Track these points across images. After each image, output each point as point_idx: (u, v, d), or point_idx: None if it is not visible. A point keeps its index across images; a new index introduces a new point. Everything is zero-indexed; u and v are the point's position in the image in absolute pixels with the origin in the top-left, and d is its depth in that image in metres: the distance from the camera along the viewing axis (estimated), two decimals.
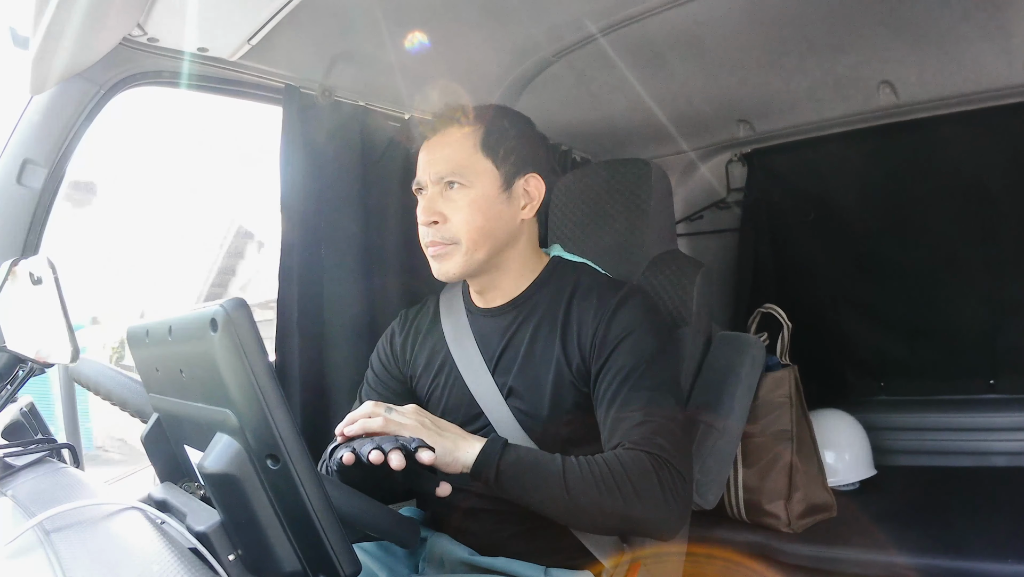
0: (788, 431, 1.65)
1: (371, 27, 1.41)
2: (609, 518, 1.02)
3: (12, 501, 0.83)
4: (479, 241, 1.14)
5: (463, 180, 1.14)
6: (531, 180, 1.18)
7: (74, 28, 0.99)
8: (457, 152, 1.16)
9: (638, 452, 1.01)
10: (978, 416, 2.06)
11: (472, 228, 1.14)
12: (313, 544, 0.66)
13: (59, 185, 1.25)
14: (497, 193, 1.16)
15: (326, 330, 1.52)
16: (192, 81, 1.35)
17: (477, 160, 1.15)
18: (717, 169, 2.36)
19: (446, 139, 1.18)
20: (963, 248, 2.13)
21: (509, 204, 1.17)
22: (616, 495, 0.99)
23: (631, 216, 1.54)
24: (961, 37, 1.56)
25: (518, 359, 1.17)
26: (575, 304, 1.15)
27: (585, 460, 1.02)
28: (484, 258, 1.16)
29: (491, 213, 1.15)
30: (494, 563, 1.17)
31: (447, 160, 1.16)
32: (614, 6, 1.49)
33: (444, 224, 1.15)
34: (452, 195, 1.15)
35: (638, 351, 1.08)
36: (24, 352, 1.01)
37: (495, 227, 1.16)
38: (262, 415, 0.63)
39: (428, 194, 1.18)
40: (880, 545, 1.50)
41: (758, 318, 1.90)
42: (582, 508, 1.01)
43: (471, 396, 1.19)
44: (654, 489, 0.99)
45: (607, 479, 0.99)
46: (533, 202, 1.19)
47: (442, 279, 1.19)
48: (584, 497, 0.99)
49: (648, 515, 1.00)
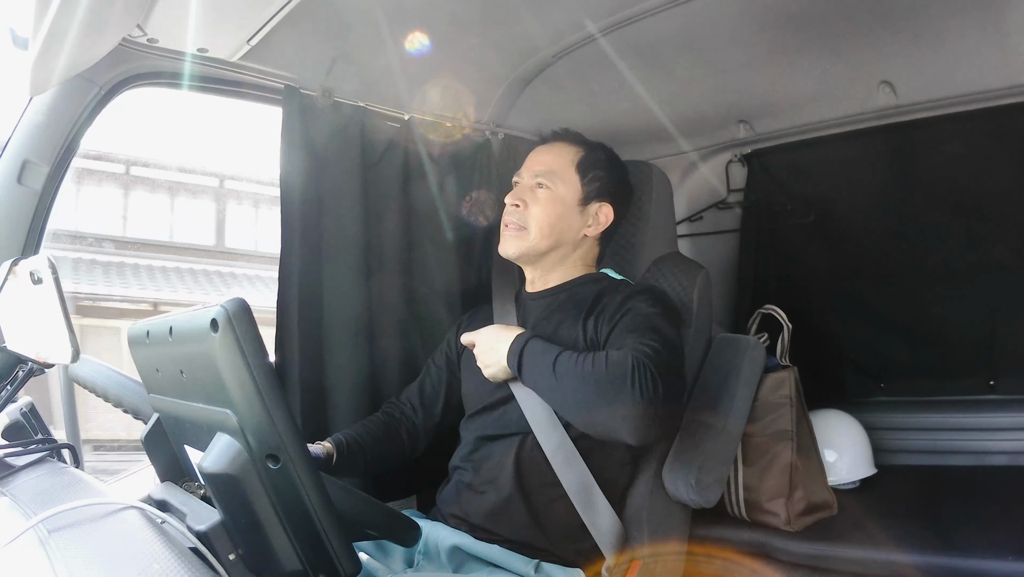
0: (788, 431, 1.65)
1: (371, 28, 1.41)
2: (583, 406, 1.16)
3: (12, 501, 0.83)
4: (544, 233, 1.35)
5: (551, 183, 1.37)
6: (604, 207, 1.40)
7: (74, 29, 0.99)
8: (555, 161, 1.39)
9: (624, 352, 1.14)
10: (978, 416, 2.06)
11: (543, 221, 1.35)
12: (313, 544, 0.67)
13: (59, 185, 1.25)
14: (574, 204, 1.38)
15: (326, 331, 1.52)
16: (192, 82, 1.35)
17: (568, 173, 1.38)
18: (717, 170, 2.35)
19: (552, 149, 1.42)
20: (963, 248, 2.13)
21: (580, 218, 1.39)
22: (590, 382, 1.13)
23: (632, 218, 1.54)
24: (961, 37, 1.55)
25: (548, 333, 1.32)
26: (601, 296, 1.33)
27: (580, 353, 1.18)
28: (543, 251, 1.37)
29: (562, 217, 1.36)
30: (489, 551, 1.19)
31: (546, 164, 1.39)
32: (614, 6, 1.49)
33: (524, 209, 1.37)
34: (538, 192, 1.37)
35: (642, 313, 1.24)
36: (24, 352, 1.01)
37: (561, 229, 1.37)
38: (262, 415, 0.63)
39: (521, 185, 1.40)
40: (880, 543, 1.50)
41: (758, 319, 1.90)
42: (565, 392, 1.17)
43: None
44: (624, 383, 1.09)
45: (586, 367, 1.14)
46: (600, 225, 1.40)
47: (502, 254, 1.40)
48: (566, 380, 1.16)
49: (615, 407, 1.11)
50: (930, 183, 2.13)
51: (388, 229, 1.63)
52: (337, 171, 1.53)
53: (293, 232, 1.46)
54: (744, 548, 1.62)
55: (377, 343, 1.59)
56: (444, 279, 1.72)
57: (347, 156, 1.54)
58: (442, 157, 1.73)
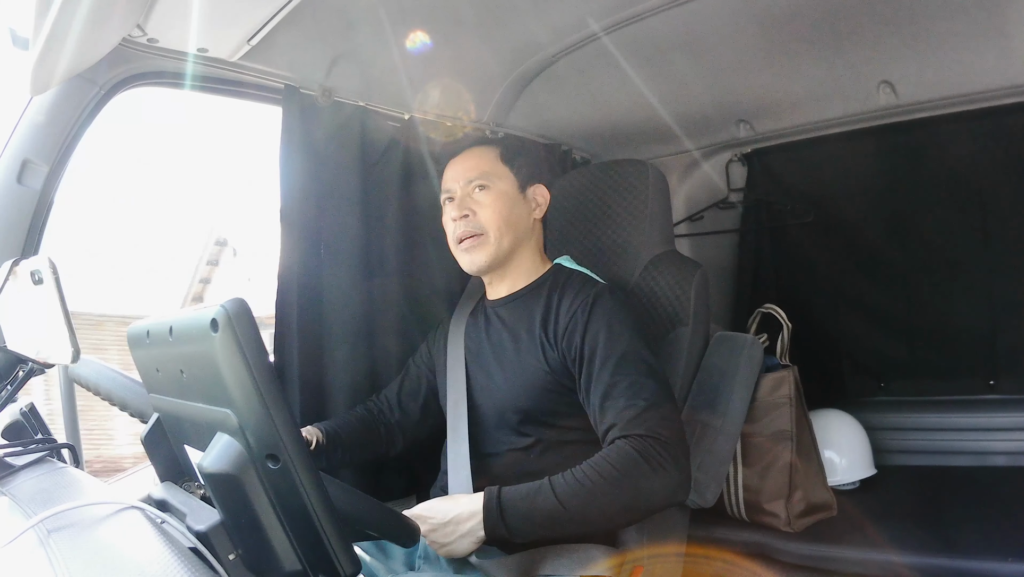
0: (788, 431, 1.65)
1: (371, 27, 1.41)
2: (617, 515, 1.12)
3: (12, 501, 0.83)
4: (504, 230, 1.34)
5: (488, 182, 1.36)
6: (539, 188, 1.41)
7: (74, 29, 0.99)
8: (483, 162, 1.38)
9: (619, 443, 1.10)
10: (978, 416, 2.06)
11: (498, 219, 1.33)
12: (313, 544, 0.67)
13: (59, 185, 1.25)
14: (516, 194, 1.38)
15: (325, 330, 1.52)
16: (192, 81, 1.35)
17: (499, 168, 1.38)
18: (718, 169, 2.35)
19: (471, 155, 1.41)
20: (963, 248, 2.13)
21: (524, 205, 1.38)
22: (611, 492, 1.07)
23: (629, 217, 1.54)
24: (961, 37, 1.55)
25: (507, 346, 1.32)
26: (556, 298, 1.30)
27: (571, 473, 1.09)
28: (508, 248, 1.35)
29: (512, 209, 1.36)
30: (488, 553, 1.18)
31: (476, 168, 1.37)
32: (615, 5, 1.49)
33: (473, 217, 1.34)
34: (479, 195, 1.35)
35: (615, 342, 1.20)
36: (24, 352, 1.01)
37: (516, 221, 1.36)
38: (262, 415, 0.63)
39: (458, 195, 1.37)
40: (879, 544, 1.50)
41: (758, 318, 1.90)
42: (586, 518, 1.10)
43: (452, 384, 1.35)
44: (644, 470, 1.07)
45: (597, 482, 1.08)
46: (541, 206, 1.41)
47: (472, 271, 1.37)
48: (584, 508, 1.08)
49: (651, 494, 1.09)
50: (930, 183, 2.13)
51: (388, 228, 1.63)
52: (337, 170, 1.53)
53: (293, 231, 1.46)
54: (743, 549, 1.62)
55: (376, 342, 1.59)
56: (444, 279, 1.72)
57: (347, 155, 1.54)
58: (442, 156, 1.73)
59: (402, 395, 1.49)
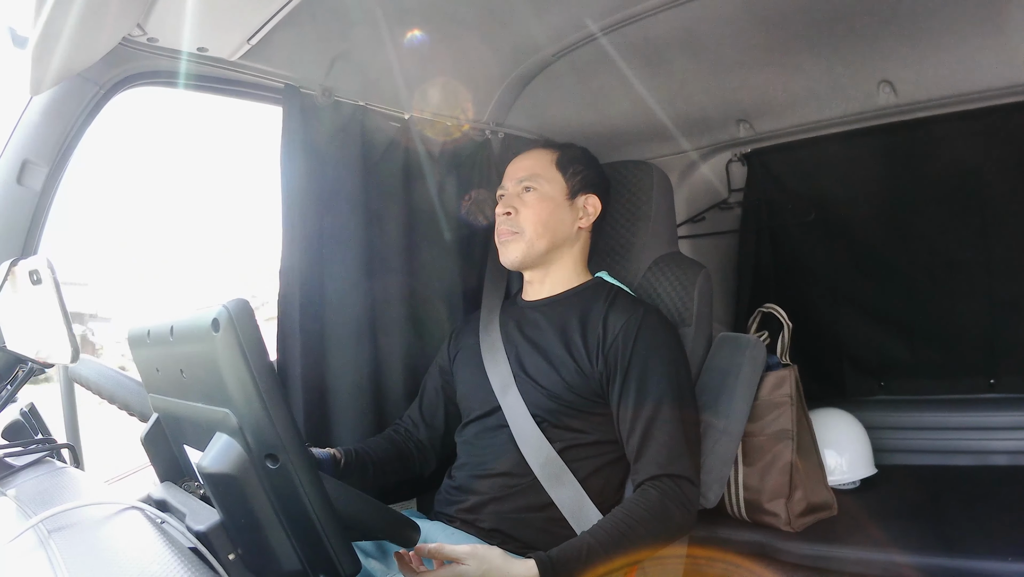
0: (788, 430, 1.65)
1: (371, 27, 1.41)
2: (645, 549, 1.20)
3: (12, 501, 0.83)
4: (541, 232, 1.39)
5: (536, 184, 1.42)
6: (591, 198, 1.45)
7: (74, 28, 0.99)
8: (536, 165, 1.45)
9: (645, 489, 1.21)
10: (978, 415, 2.05)
11: (536, 221, 1.39)
12: (313, 544, 0.67)
13: (59, 185, 1.25)
14: (562, 200, 1.43)
15: (327, 330, 1.52)
16: (192, 81, 1.35)
17: (551, 172, 1.44)
18: (717, 169, 2.35)
19: (529, 156, 1.47)
20: (963, 247, 2.13)
21: (570, 212, 1.43)
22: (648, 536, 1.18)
23: (633, 218, 1.54)
24: (960, 36, 1.55)
25: (543, 349, 1.36)
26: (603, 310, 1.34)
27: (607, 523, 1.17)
28: (543, 250, 1.41)
29: (553, 213, 1.41)
30: None
31: (528, 169, 1.44)
32: (614, 6, 1.49)
33: (515, 216, 1.41)
34: (526, 196, 1.42)
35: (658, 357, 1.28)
36: (24, 352, 1.01)
37: (555, 226, 1.41)
38: (262, 415, 0.63)
39: (508, 193, 1.45)
40: (880, 544, 1.50)
41: (758, 318, 1.90)
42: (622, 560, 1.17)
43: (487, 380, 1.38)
44: (665, 511, 1.19)
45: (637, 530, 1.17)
46: (590, 216, 1.45)
47: (506, 264, 1.44)
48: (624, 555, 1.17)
49: (679, 529, 1.23)
50: (930, 183, 2.13)
51: (388, 228, 1.63)
52: (337, 170, 1.53)
53: (293, 231, 1.46)
54: (744, 549, 1.62)
55: (378, 342, 1.59)
56: (444, 278, 1.72)
57: (347, 155, 1.54)
58: (442, 156, 1.73)
59: (424, 412, 1.51)
